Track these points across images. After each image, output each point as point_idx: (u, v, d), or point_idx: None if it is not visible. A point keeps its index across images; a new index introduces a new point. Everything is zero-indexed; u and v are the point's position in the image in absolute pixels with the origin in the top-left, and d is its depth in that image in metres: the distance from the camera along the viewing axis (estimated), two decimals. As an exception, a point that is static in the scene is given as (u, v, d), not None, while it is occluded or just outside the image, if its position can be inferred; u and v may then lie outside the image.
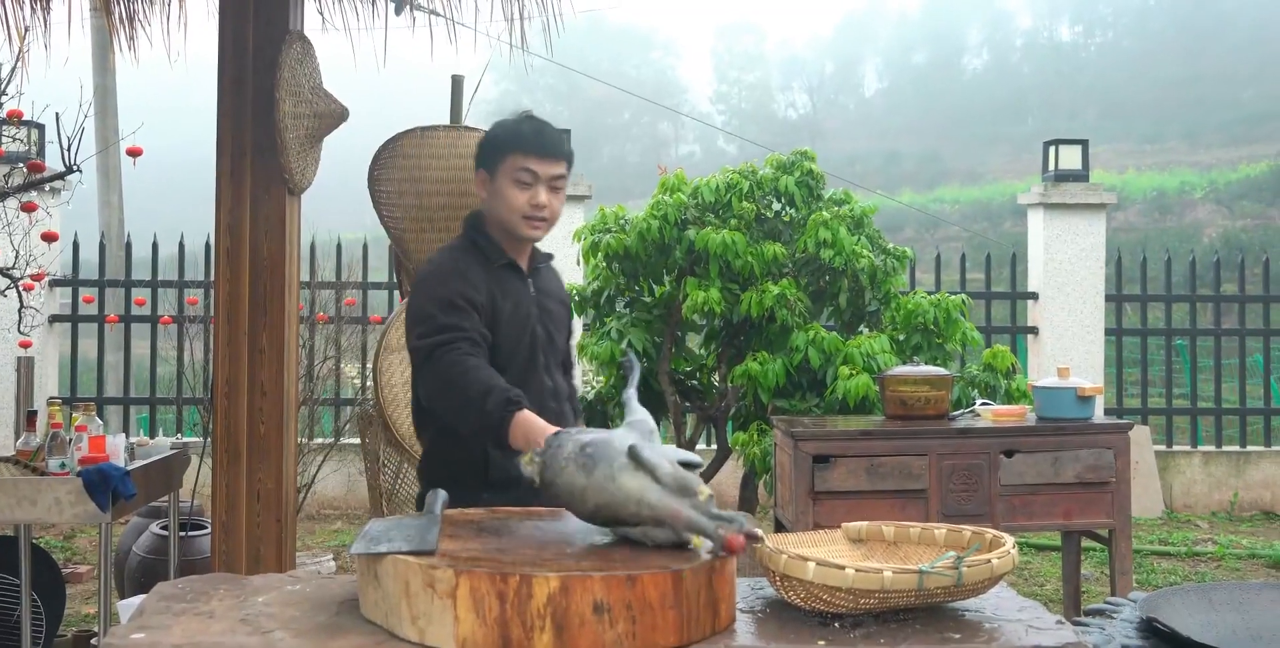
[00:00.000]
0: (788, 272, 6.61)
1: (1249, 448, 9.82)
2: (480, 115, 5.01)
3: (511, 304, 2.98)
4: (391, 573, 1.89)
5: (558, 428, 2.45)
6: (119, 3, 5.26)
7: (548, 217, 2.98)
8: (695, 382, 6.97)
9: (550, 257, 3.21)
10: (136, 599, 4.63)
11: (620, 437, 2.13)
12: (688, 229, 6.40)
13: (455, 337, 2.78)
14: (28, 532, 4.85)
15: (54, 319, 9.23)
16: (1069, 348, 9.48)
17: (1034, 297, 9.72)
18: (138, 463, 4.90)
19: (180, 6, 5.23)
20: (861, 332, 6.64)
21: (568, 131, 3.06)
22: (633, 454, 2.04)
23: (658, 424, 3.29)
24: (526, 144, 2.94)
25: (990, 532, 2.20)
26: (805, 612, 2.03)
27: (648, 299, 6.72)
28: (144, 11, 5.28)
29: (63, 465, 4.51)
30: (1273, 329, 10.14)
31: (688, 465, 2.05)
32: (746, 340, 6.58)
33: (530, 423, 2.58)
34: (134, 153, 5.63)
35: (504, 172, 2.95)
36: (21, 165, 5.59)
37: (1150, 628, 2.07)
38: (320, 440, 7.82)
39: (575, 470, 2.08)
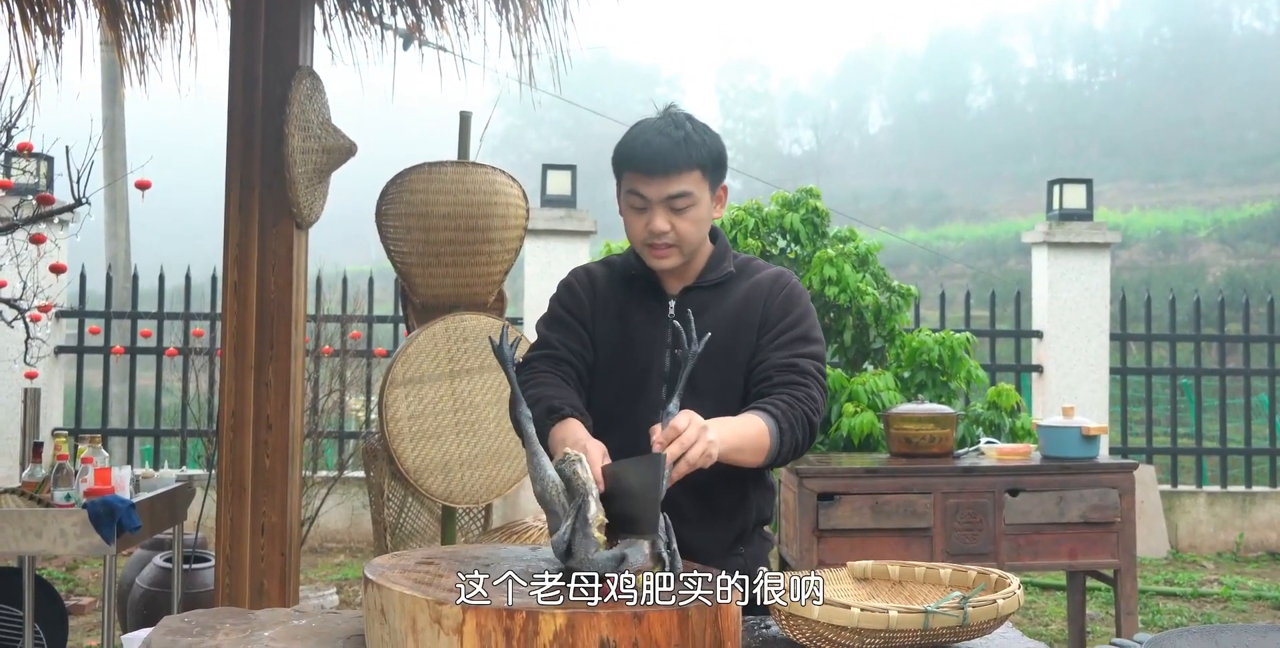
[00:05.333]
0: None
1: (1254, 488, 9.80)
2: (488, 151, 5.04)
3: (625, 323, 2.65)
4: (398, 609, 1.89)
5: (588, 439, 2.33)
6: (130, 37, 5.31)
7: (673, 242, 2.56)
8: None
9: (730, 273, 2.68)
10: (141, 633, 4.62)
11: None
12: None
13: (538, 354, 2.64)
14: (32, 563, 4.84)
15: (60, 350, 9.25)
16: (1074, 387, 9.47)
17: (1038, 335, 9.73)
18: (143, 495, 4.91)
19: (190, 41, 5.27)
20: (866, 369, 6.65)
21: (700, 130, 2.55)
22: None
23: None
24: (632, 160, 2.55)
25: (995, 572, 2.20)
26: (811, 651, 2.03)
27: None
28: (154, 46, 5.33)
29: (68, 497, 4.51)
30: (1278, 369, 10.12)
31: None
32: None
33: (565, 433, 2.39)
34: (142, 186, 5.65)
35: (621, 192, 2.61)
36: (31, 197, 5.60)
37: (1156, 669, 2.06)
38: (324, 473, 7.82)
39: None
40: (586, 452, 2.23)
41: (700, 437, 2.17)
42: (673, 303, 2.63)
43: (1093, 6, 70.60)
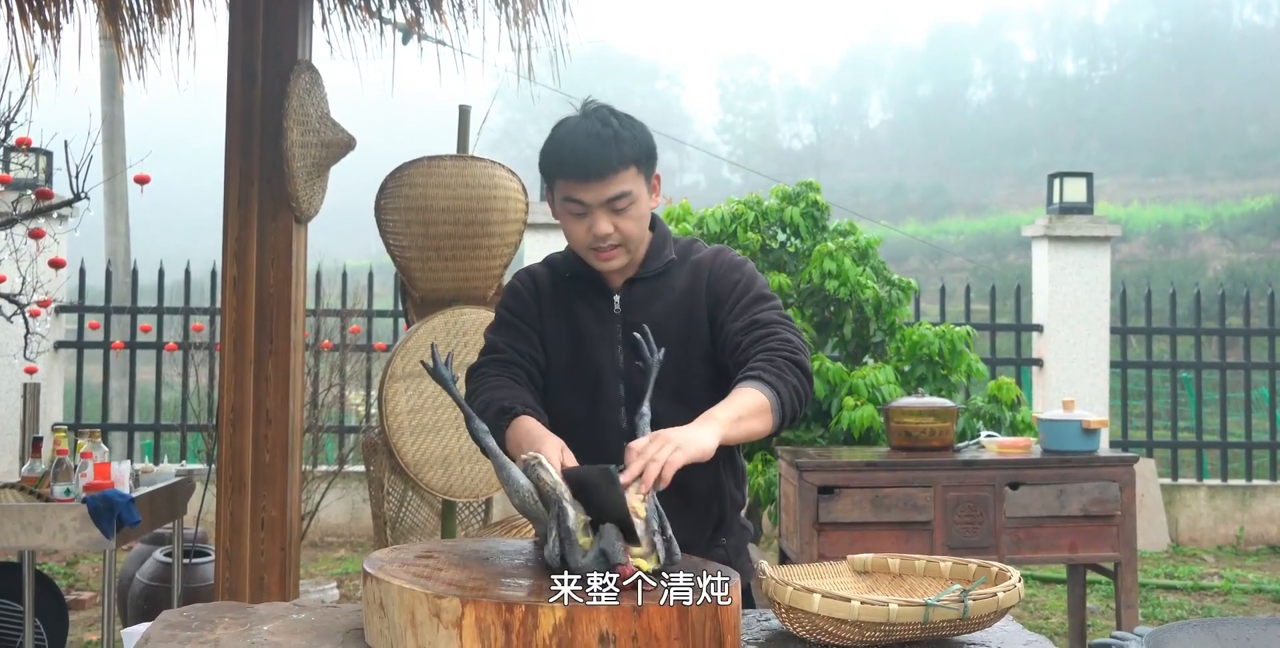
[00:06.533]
0: (792, 302, 6.62)
1: (1255, 482, 9.79)
2: (487, 145, 5.03)
3: (573, 323, 2.62)
4: (398, 603, 1.88)
5: (544, 436, 2.29)
6: (128, 32, 5.30)
7: (618, 243, 2.53)
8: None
9: (672, 260, 2.65)
10: (140, 627, 4.63)
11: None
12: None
13: (485, 359, 2.60)
14: (32, 558, 4.84)
15: (60, 345, 9.25)
16: (1074, 380, 9.47)
17: (1039, 329, 9.72)
18: (142, 490, 4.91)
19: (189, 36, 5.26)
20: (866, 362, 6.64)
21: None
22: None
23: None
24: (565, 168, 2.49)
25: (996, 565, 2.20)
26: (810, 644, 2.03)
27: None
28: (153, 41, 5.32)
29: (68, 492, 4.51)
30: (1278, 363, 10.11)
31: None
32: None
33: (520, 433, 2.36)
34: (141, 180, 5.65)
35: (556, 199, 2.54)
36: (30, 192, 5.60)
37: (1157, 662, 2.06)
38: (324, 468, 7.82)
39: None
40: (542, 451, 2.18)
41: (660, 451, 2.11)
42: (617, 298, 2.61)
43: (1093, 0, 70.60)
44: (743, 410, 2.30)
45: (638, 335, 2.34)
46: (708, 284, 2.61)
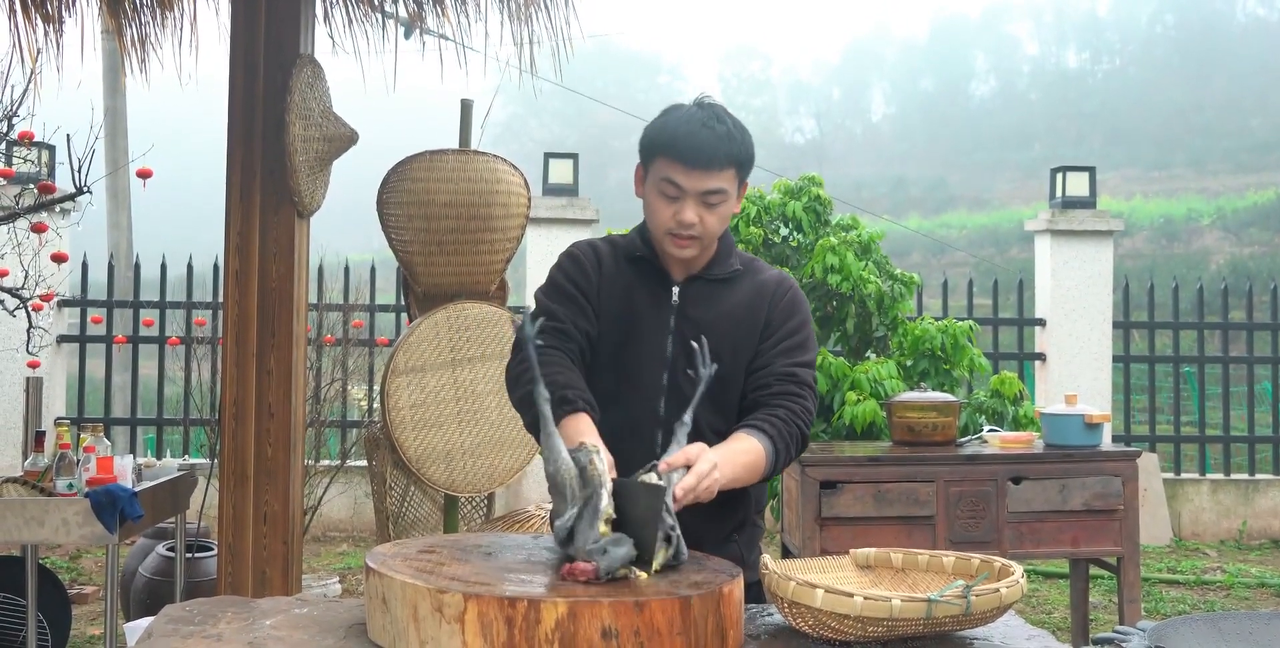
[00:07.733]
0: (795, 297, 6.60)
1: (1257, 476, 9.79)
2: (489, 139, 5.03)
3: (629, 304, 2.63)
4: (400, 597, 1.88)
5: (601, 445, 2.28)
6: (131, 25, 5.29)
7: (698, 235, 2.54)
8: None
9: (737, 270, 2.68)
10: (143, 621, 4.63)
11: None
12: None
13: (547, 326, 2.56)
14: (34, 552, 4.85)
15: (62, 339, 9.25)
16: (1076, 374, 9.46)
17: (1041, 323, 9.72)
18: (145, 484, 4.91)
19: (191, 30, 5.26)
20: (869, 357, 6.63)
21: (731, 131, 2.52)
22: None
23: None
24: (674, 150, 2.50)
25: (998, 560, 2.20)
26: (813, 639, 2.03)
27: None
28: (155, 34, 5.31)
29: (70, 486, 4.52)
30: (1280, 357, 10.12)
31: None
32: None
33: (574, 431, 2.36)
34: (144, 175, 5.64)
35: (652, 176, 2.56)
36: (32, 186, 5.60)
37: (1159, 657, 2.06)
38: (326, 463, 7.82)
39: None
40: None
41: (710, 474, 2.23)
42: (676, 289, 2.63)
43: (1095, -7, 70.46)
44: (745, 472, 2.43)
45: (695, 345, 2.40)
46: (768, 308, 2.65)
